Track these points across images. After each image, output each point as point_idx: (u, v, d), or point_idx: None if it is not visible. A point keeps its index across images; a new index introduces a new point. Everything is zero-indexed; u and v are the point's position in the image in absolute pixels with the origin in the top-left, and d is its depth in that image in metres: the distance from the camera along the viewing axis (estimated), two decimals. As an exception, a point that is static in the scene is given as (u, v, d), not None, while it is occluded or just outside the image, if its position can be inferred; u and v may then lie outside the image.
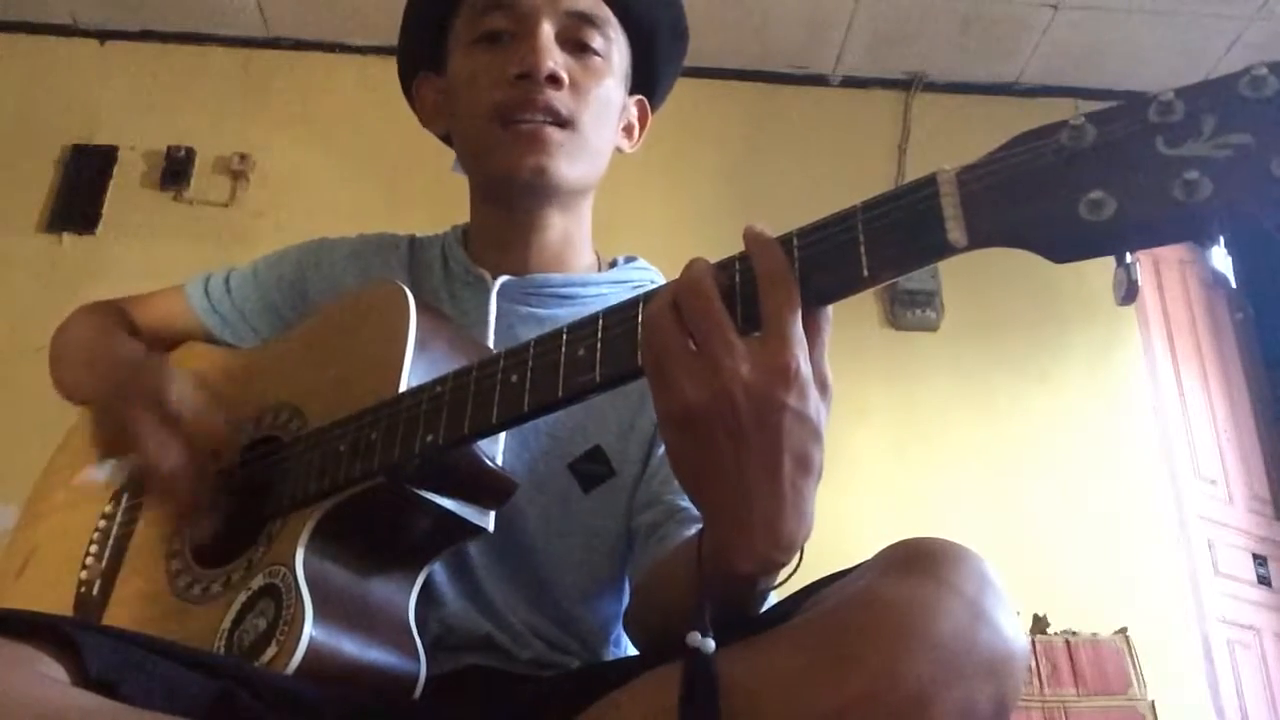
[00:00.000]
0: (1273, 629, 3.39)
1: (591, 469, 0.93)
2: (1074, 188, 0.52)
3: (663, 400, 0.59)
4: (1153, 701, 2.65)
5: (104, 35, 3.53)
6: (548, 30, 0.97)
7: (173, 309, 1.11)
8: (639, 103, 1.11)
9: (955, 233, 0.55)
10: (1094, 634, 2.78)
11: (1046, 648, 2.72)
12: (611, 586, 0.94)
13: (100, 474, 0.82)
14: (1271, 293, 3.76)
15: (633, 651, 0.90)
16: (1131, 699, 2.66)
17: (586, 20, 1.00)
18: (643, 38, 1.07)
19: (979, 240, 0.55)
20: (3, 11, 3.46)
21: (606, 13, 1.02)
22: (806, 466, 0.58)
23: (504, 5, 0.99)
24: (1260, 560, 3.48)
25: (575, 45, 1.00)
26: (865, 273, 0.57)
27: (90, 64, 3.50)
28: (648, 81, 1.12)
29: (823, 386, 0.59)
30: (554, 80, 0.96)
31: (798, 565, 0.61)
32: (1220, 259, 3.88)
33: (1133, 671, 2.70)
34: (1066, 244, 0.53)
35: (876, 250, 0.57)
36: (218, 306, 1.09)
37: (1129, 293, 0.52)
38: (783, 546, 0.58)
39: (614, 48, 1.03)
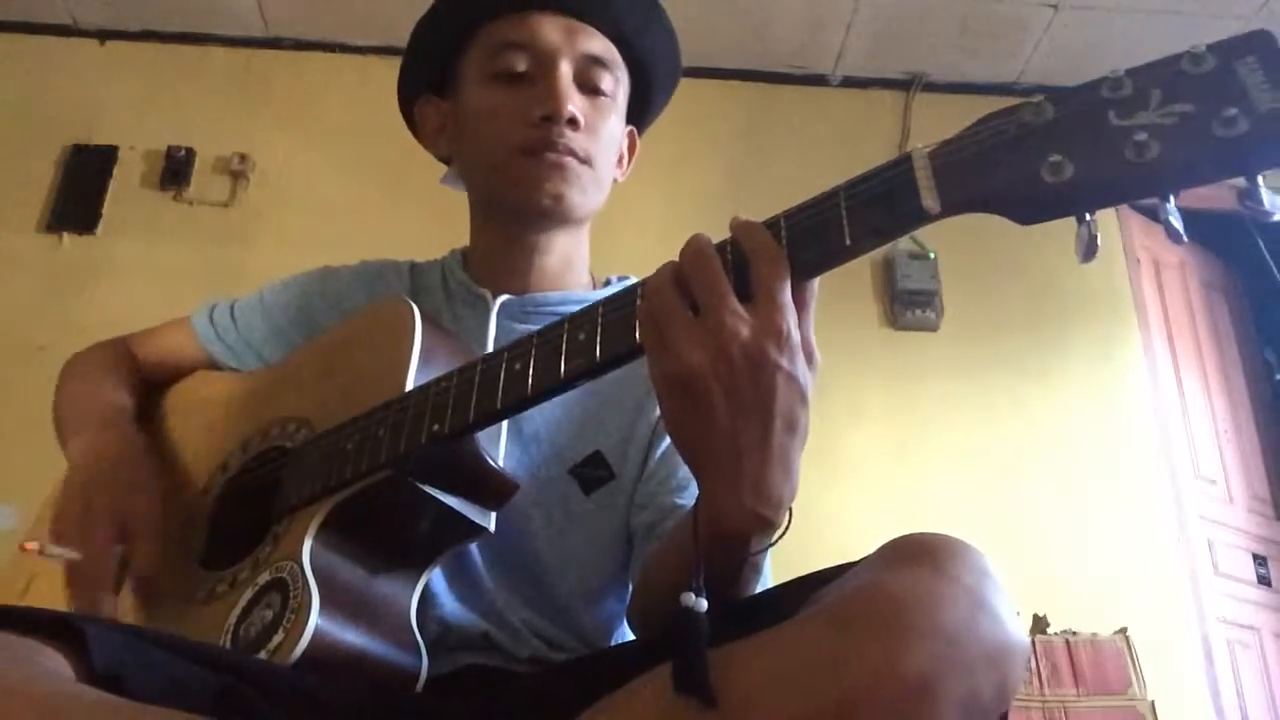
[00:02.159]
0: (1273, 629, 3.39)
1: (592, 473, 0.96)
2: (1036, 154, 0.57)
3: (662, 365, 0.63)
4: (1153, 702, 2.65)
5: (104, 35, 3.53)
6: (566, 72, 1.02)
7: (177, 340, 1.14)
8: (629, 133, 1.16)
9: (929, 200, 0.60)
10: (1094, 634, 2.78)
11: (1046, 648, 2.72)
12: (612, 586, 0.96)
13: (54, 552, 0.88)
14: (1270, 292, 3.76)
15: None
16: (1131, 699, 2.66)
17: (599, 63, 1.05)
18: (643, 76, 1.13)
19: (950, 206, 0.60)
20: (3, 11, 3.46)
21: (616, 55, 1.08)
22: (793, 427, 0.63)
23: (524, 46, 1.03)
24: (1260, 560, 3.48)
25: (589, 88, 1.05)
26: (848, 241, 0.63)
27: (90, 64, 3.49)
28: (639, 114, 1.17)
29: (809, 356, 0.64)
30: (573, 123, 1.01)
31: (787, 527, 0.66)
32: (1174, 218, 3.89)
33: (1133, 671, 2.70)
34: (1031, 205, 0.58)
35: (857, 220, 0.63)
36: (223, 335, 1.12)
37: (1089, 249, 0.57)
38: (771, 504, 0.63)
39: (620, 88, 1.09)
